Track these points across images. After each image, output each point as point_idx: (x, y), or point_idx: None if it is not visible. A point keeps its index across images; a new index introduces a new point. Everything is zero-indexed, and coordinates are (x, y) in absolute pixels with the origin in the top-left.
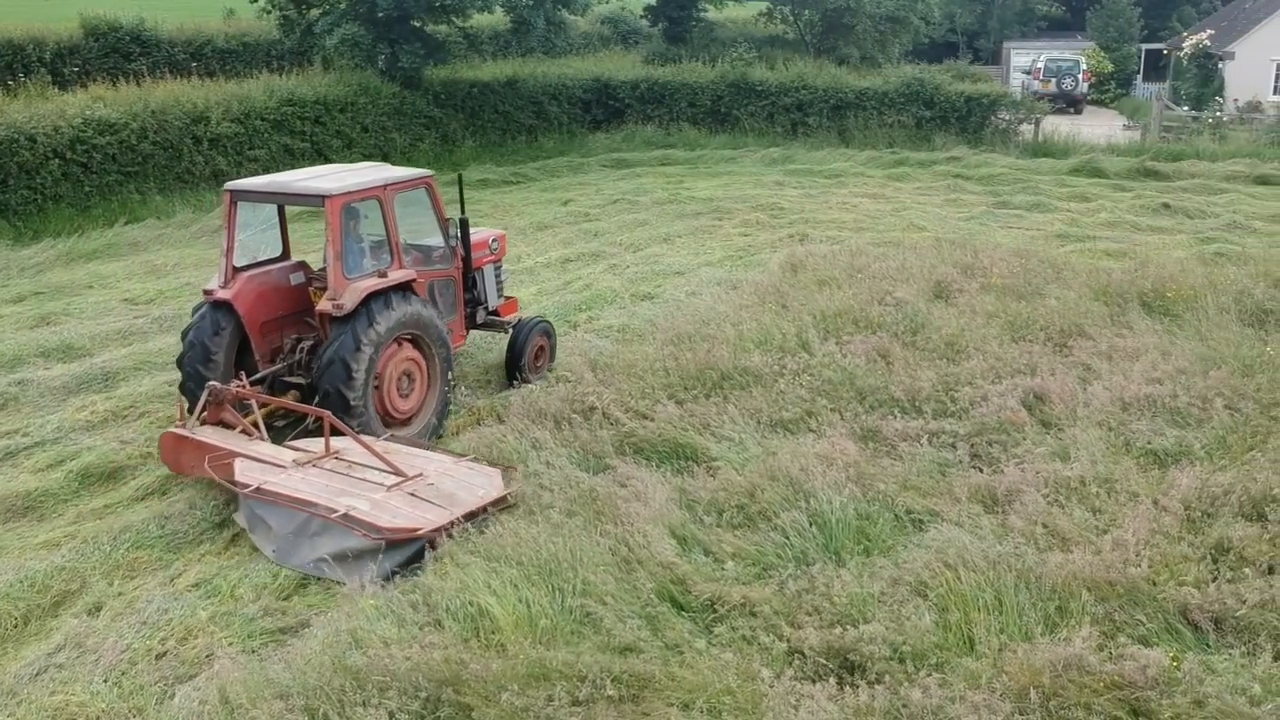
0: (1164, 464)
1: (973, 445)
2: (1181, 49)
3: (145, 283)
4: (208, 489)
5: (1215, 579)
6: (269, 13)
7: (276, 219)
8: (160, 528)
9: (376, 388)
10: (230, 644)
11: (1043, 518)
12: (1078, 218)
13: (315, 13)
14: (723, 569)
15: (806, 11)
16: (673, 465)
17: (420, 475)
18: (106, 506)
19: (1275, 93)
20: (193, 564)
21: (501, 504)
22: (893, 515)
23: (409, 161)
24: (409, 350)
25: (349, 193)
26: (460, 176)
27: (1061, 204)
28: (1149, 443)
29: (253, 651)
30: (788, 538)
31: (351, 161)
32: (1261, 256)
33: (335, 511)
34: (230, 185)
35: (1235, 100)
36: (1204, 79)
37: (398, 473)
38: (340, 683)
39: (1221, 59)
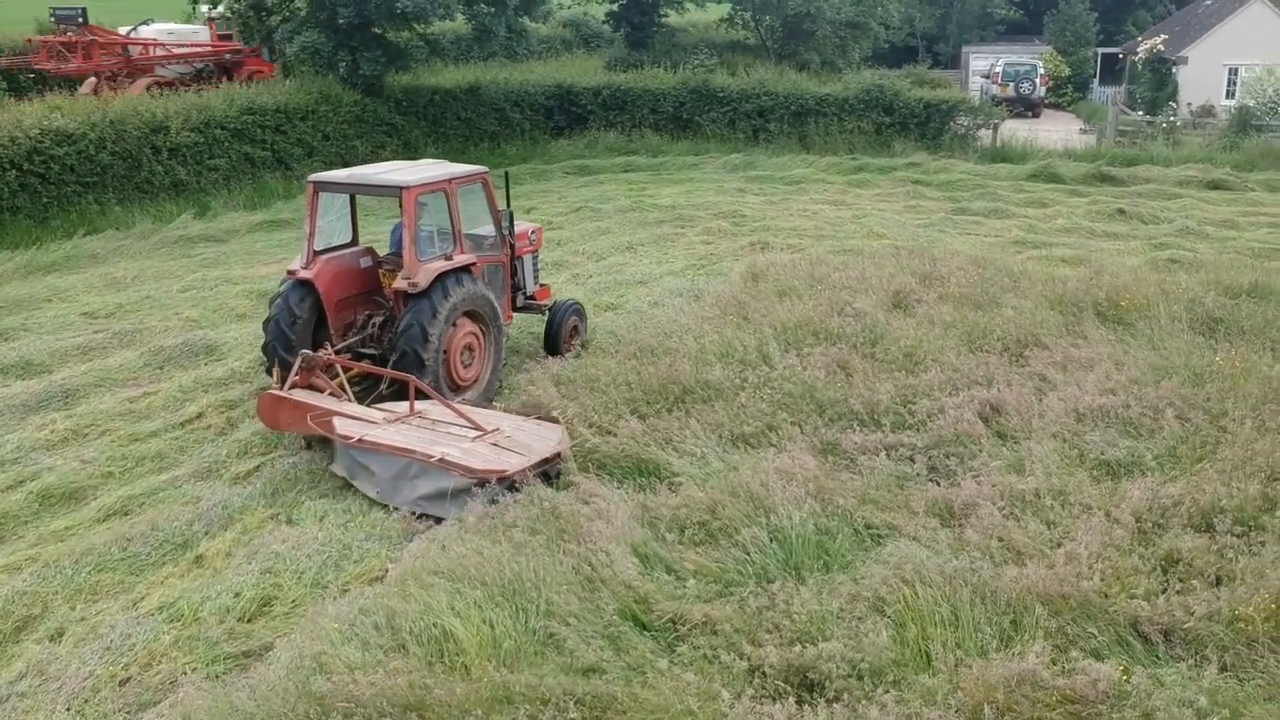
0: (1116, 475)
1: (930, 458)
2: (1137, 53)
3: (104, 296)
4: (169, 508)
5: (1165, 591)
6: (228, 19)
7: (347, 209)
8: (122, 550)
9: (446, 366)
10: (194, 669)
11: (998, 531)
12: (1035, 224)
13: (275, 19)
14: (684, 587)
15: (767, 17)
16: (635, 481)
17: (498, 429)
18: (68, 528)
19: (1227, 97)
20: (155, 587)
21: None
22: (852, 530)
23: None
24: (470, 325)
25: (422, 185)
26: (507, 174)
27: (1019, 209)
28: (1102, 454)
29: (217, 677)
30: (749, 554)
31: (311, 170)
32: (1213, 263)
33: (433, 456)
34: (313, 177)
35: (1189, 104)
36: (1158, 83)
37: (477, 427)
38: (305, 709)
39: (1175, 64)
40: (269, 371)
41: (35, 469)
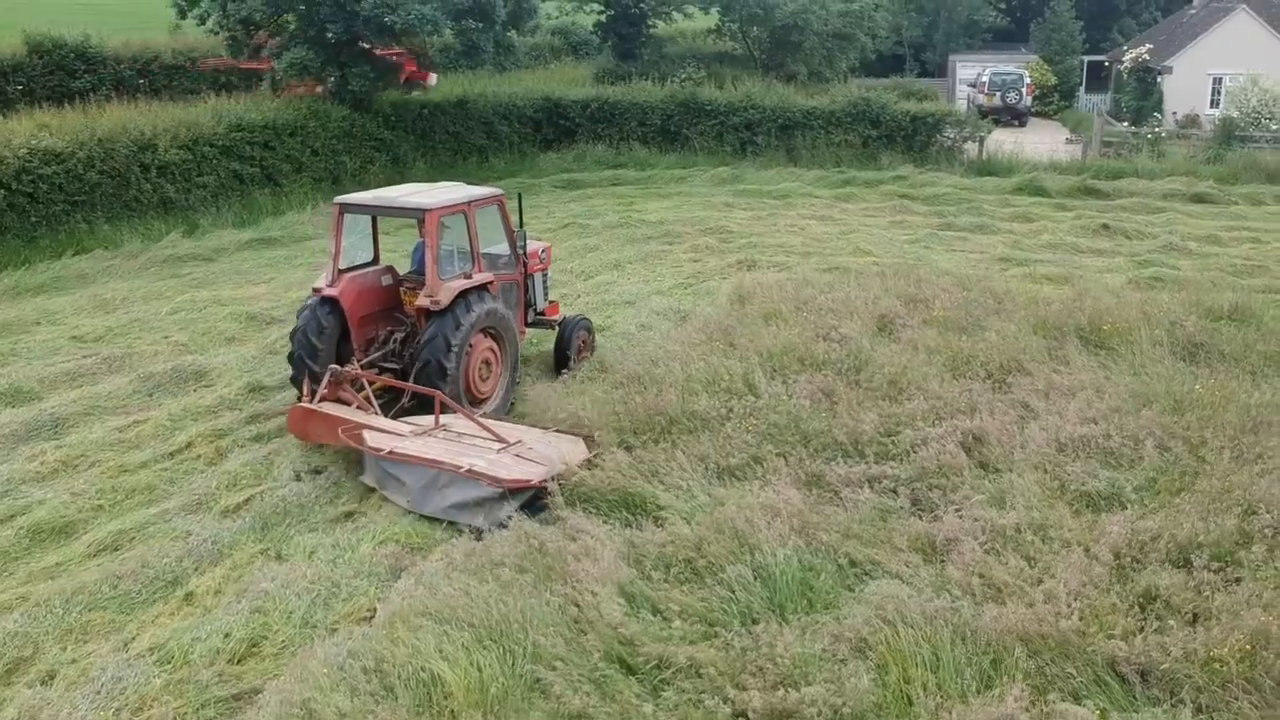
0: (1097, 507)
1: (913, 490)
2: (1122, 62)
3: (94, 318)
4: (159, 544)
5: (1142, 629)
6: (216, 34)
7: (370, 230)
8: (113, 588)
9: (465, 380)
10: (184, 715)
11: (979, 567)
12: (1020, 239)
13: (264, 34)
14: (670, 628)
15: (755, 28)
16: (621, 516)
17: (520, 441)
18: (58, 564)
19: (1212, 106)
20: (146, 626)
21: (588, 464)
22: (835, 566)
23: (359, 184)
24: (488, 341)
25: (444, 207)
26: (520, 195)
27: (1004, 224)
28: (1083, 485)
29: None
30: (734, 592)
31: (300, 186)
32: (1194, 282)
33: (461, 467)
34: (339, 199)
35: (1174, 113)
36: (1144, 92)
37: (500, 439)
38: None
39: (1160, 73)
40: (297, 386)
41: (26, 502)
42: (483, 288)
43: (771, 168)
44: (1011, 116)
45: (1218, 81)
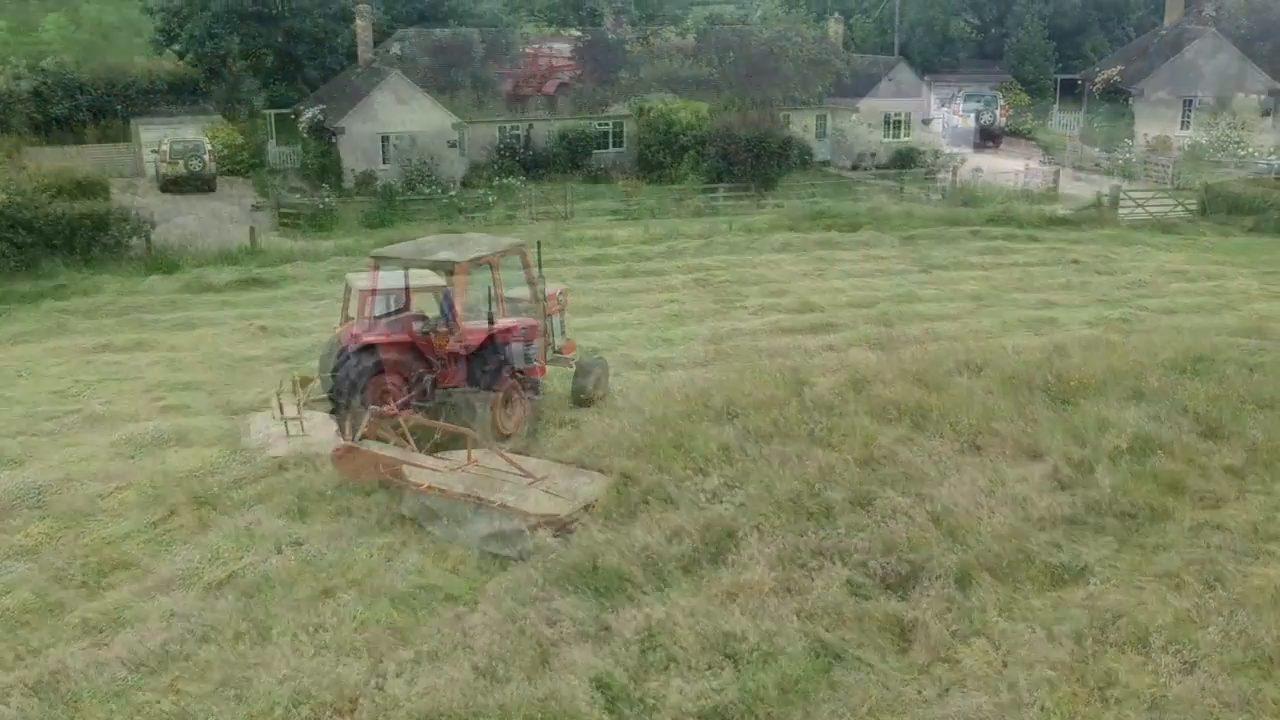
0: (1061, 581)
1: (884, 565)
2: (1095, 82)
3: (75, 370)
4: (143, 627)
5: None
6: (194, 66)
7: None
8: (99, 674)
9: (491, 418)
10: None
11: (946, 652)
12: (992, 276)
13: (242, 64)
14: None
15: (731, 54)
16: (597, 596)
17: (546, 476)
18: (46, 648)
19: (1183, 128)
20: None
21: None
22: (806, 651)
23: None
24: (511, 381)
25: (473, 259)
26: (539, 244)
27: (977, 259)
28: (1048, 557)
29: None
30: (708, 683)
31: None
32: (1159, 326)
33: (495, 501)
34: (374, 253)
35: (1145, 135)
36: (1115, 114)
37: (528, 475)
38: None
39: (1131, 95)
40: (339, 426)
41: (10, 579)
42: (507, 331)
43: (748, 197)
44: (986, 138)
45: (1187, 104)
